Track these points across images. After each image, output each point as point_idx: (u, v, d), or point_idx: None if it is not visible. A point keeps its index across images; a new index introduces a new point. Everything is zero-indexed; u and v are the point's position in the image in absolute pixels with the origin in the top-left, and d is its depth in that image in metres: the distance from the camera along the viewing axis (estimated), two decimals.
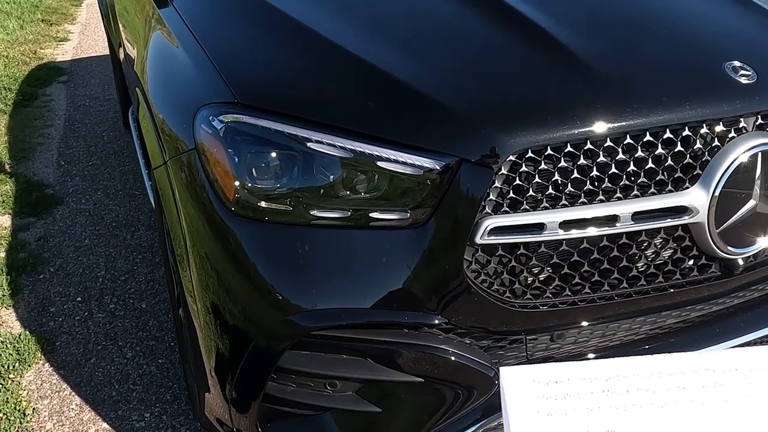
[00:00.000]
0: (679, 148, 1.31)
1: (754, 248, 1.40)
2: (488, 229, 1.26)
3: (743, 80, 1.35)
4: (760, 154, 1.33)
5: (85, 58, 5.88)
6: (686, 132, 1.31)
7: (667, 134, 1.30)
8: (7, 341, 2.44)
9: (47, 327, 2.53)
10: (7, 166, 3.82)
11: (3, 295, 2.70)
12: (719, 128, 1.33)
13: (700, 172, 1.32)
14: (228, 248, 1.38)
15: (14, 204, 3.40)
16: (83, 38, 6.47)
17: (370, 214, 1.31)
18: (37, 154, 4.00)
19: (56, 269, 2.88)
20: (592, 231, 1.29)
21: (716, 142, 1.32)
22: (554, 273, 1.33)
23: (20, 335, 2.47)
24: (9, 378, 2.28)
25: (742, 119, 1.34)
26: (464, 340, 1.36)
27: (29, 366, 2.34)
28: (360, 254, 1.32)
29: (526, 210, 1.27)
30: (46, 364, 2.35)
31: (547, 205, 1.27)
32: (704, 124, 1.32)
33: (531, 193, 1.27)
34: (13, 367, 2.32)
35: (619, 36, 1.47)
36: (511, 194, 1.27)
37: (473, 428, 1.37)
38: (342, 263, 1.32)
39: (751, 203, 1.35)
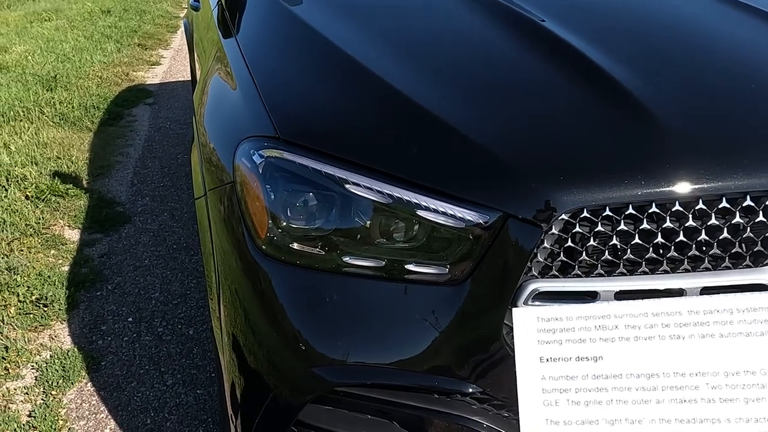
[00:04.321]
0: (760, 218, 1.15)
1: None
2: (533, 293, 1.13)
3: None
4: None
5: (172, 81, 6.10)
6: None
7: (748, 201, 1.14)
8: (56, 356, 2.45)
9: (96, 345, 2.54)
10: (84, 182, 3.94)
11: (60, 310, 2.74)
12: None
13: None
14: (257, 288, 1.31)
15: (85, 219, 3.49)
16: (174, 63, 6.73)
17: (406, 266, 1.21)
18: (114, 172, 4.11)
19: (114, 287, 2.91)
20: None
21: None
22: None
23: (69, 351, 2.48)
24: (51, 394, 2.28)
25: None
26: (501, 412, 1.23)
27: (72, 384, 2.34)
28: (392, 309, 1.21)
29: (577, 275, 1.14)
30: (89, 384, 2.34)
31: (601, 271, 1.14)
32: None
33: (584, 256, 1.14)
34: (57, 383, 2.32)
35: (698, 89, 1.32)
36: (562, 257, 1.14)
37: None
38: (372, 317, 1.22)
39: None
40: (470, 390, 1.20)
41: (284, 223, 1.27)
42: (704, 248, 1.15)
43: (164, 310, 2.75)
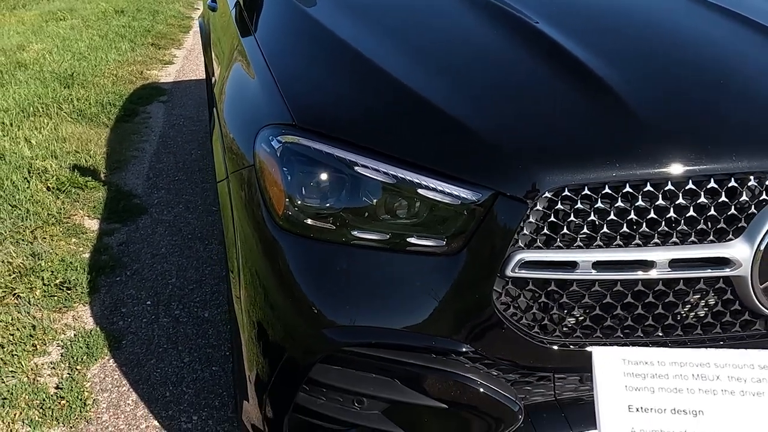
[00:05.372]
0: (723, 198, 1.29)
1: None
2: (519, 262, 1.28)
3: None
4: None
5: (185, 80, 6.26)
6: (732, 183, 1.29)
7: (712, 184, 1.28)
8: (80, 335, 2.61)
9: (117, 326, 2.69)
10: (102, 175, 4.10)
11: (82, 293, 2.89)
12: None
13: (746, 225, 1.29)
14: (274, 259, 1.46)
15: (103, 210, 3.65)
16: (186, 62, 6.89)
17: (408, 239, 1.36)
18: (130, 166, 4.27)
19: (132, 273, 3.07)
20: (626, 275, 1.29)
21: (764, 196, 1.30)
22: (586, 313, 1.33)
23: (91, 331, 2.64)
24: (77, 369, 2.44)
25: None
26: (491, 371, 1.38)
27: (96, 360, 2.49)
28: (394, 277, 1.36)
29: (559, 247, 1.28)
30: (111, 360, 2.50)
31: (581, 244, 1.28)
32: (752, 177, 1.29)
33: (565, 230, 1.28)
34: (82, 359, 2.48)
35: (670, 83, 1.47)
36: (545, 230, 1.29)
37: None
38: (376, 284, 1.37)
39: None
40: (464, 350, 1.35)
41: (299, 202, 1.42)
42: (673, 225, 1.29)
43: (181, 295, 2.90)
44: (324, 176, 1.42)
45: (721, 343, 1.37)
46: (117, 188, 3.93)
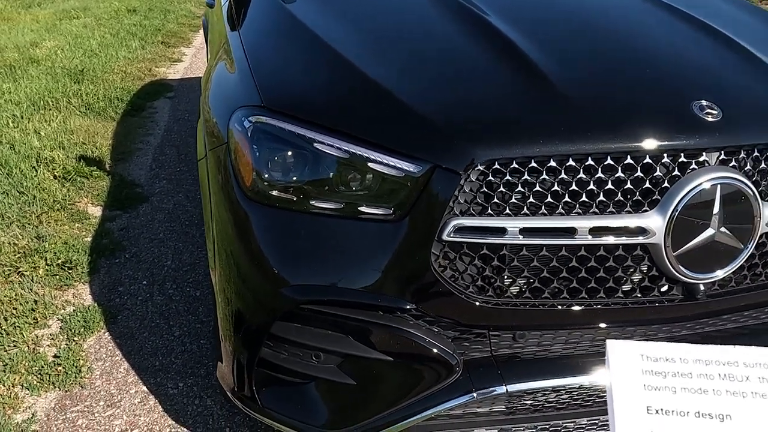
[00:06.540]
0: (639, 174, 1.44)
1: (713, 276, 1.49)
2: (454, 228, 1.43)
3: (709, 118, 1.47)
4: (719, 186, 1.43)
5: (192, 77, 6.44)
6: (647, 160, 1.43)
7: (628, 160, 1.43)
8: (78, 310, 2.79)
9: (113, 303, 2.87)
10: (107, 166, 4.29)
11: (82, 272, 3.07)
12: (681, 159, 1.44)
13: (659, 198, 1.44)
14: (240, 228, 1.62)
15: (107, 198, 3.83)
16: (194, 60, 7.08)
17: (359, 208, 1.51)
18: (135, 158, 4.46)
19: (131, 256, 3.24)
20: (550, 240, 1.44)
21: (677, 172, 1.44)
22: (515, 275, 1.48)
23: (89, 307, 2.81)
24: (74, 340, 2.61)
25: (704, 153, 1.46)
26: (432, 327, 1.53)
27: (92, 333, 2.67)
28: (347, 241, 1.52)
29: (489, 215, 1.44)
30: (107, 333, 2.67)
31: (509, 212, 1.43)
32: (666, 154, 1.44)
33: (495, 200, 1.43)
34: (79, 332, 2.66)
35: (595, 67, 1.63)
36: (477, 199, 1.44)
37: (430, 411, 1.52)
38: (330, 247, 1.53)
39: (709, 232, 1.44)
40: (407, 307, 1.50)
41: (266, 176, 1.58)
42: (593, 196, 1.44)
43: (175, 276, 3.07)
44: (288, 153, 1.58)
45: (646, 304, 1.52)
46: (121, 178, 4.11)
